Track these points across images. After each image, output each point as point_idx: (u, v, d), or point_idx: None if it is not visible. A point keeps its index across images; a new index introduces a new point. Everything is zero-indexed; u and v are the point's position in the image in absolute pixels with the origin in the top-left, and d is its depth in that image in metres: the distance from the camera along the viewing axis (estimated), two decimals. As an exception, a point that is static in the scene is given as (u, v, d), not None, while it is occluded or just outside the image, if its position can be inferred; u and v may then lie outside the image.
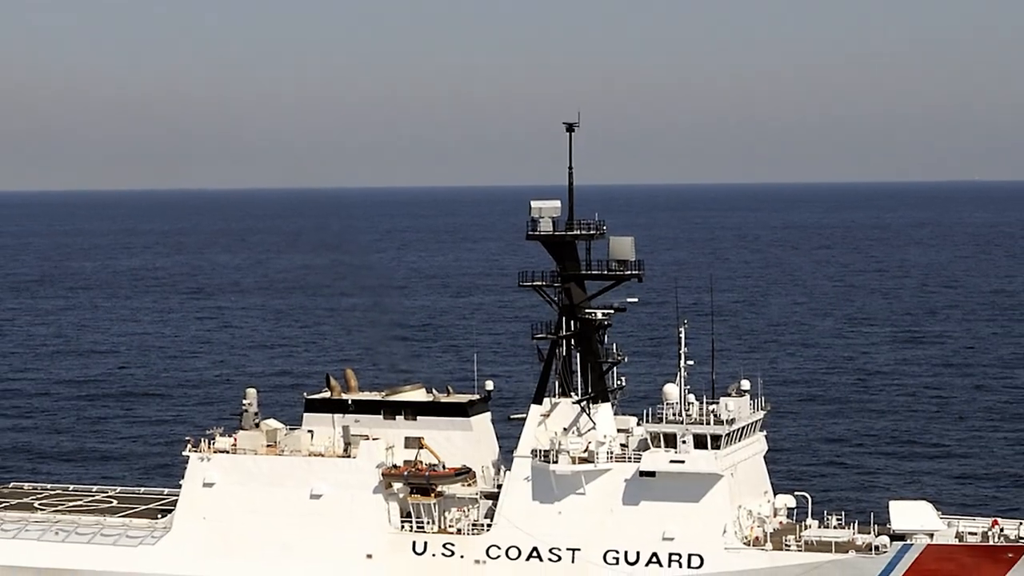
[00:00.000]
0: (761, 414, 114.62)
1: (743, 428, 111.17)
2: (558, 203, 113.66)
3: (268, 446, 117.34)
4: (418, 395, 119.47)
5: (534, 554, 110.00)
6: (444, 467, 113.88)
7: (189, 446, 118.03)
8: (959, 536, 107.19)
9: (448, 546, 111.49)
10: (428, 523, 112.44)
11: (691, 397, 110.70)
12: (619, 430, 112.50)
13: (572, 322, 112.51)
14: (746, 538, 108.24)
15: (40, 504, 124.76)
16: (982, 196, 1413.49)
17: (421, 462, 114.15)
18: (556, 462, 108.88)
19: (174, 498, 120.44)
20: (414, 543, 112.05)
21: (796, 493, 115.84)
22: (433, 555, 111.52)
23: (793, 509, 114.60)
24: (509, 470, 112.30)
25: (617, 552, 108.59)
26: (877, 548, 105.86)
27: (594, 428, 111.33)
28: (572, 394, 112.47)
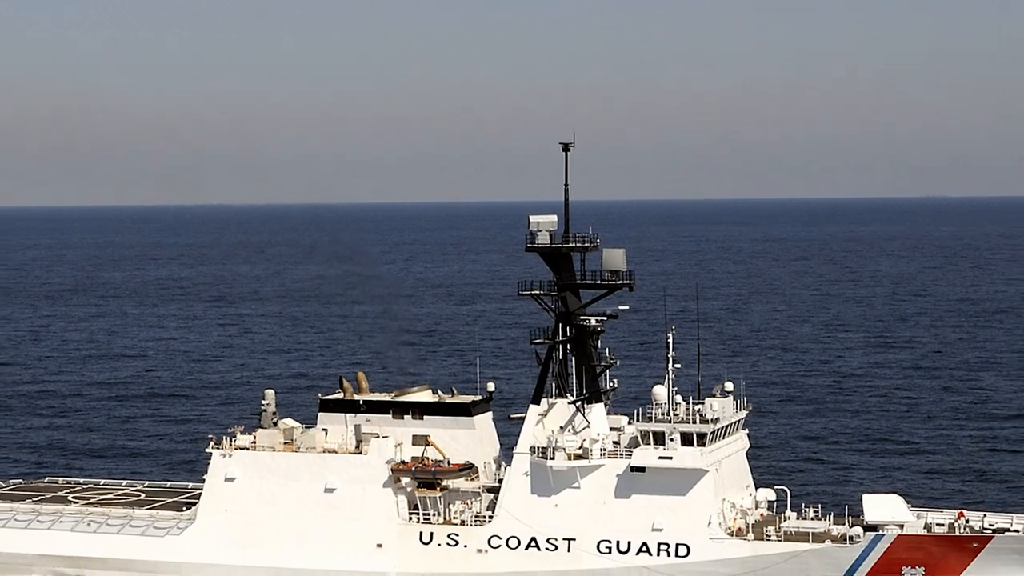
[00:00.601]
0: (743, 413, 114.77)
1: (727, 426, 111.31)
2: (555, 218, 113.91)
3: (285, 443, 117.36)
4: (425, 396, 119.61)
5: (532, 544, 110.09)
6: (449, 463, 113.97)
7: (212, 443, 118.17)
8: (927, 527, 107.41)
9: (453, 536, 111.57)
10: (434, 515, 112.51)
11: (678, 398, 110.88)
12: (612, 428, 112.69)
13: (568, 328, 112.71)
14: (729, 529, 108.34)
15: (73, 497, 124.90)
16: (950, 211, 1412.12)
17: (428, 458, 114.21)
18: (553, 458, 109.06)
19: (198, 492, 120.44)
20: (421, 533, 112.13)
21: (776, 487, 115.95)
22: (439, 545, 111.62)
23: (773, 502, 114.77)
24: (509, 466, 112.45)
25: (610, 542, 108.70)
26: (851, 538, 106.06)
27: (588, 427, 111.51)
28: (568, 395, 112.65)
